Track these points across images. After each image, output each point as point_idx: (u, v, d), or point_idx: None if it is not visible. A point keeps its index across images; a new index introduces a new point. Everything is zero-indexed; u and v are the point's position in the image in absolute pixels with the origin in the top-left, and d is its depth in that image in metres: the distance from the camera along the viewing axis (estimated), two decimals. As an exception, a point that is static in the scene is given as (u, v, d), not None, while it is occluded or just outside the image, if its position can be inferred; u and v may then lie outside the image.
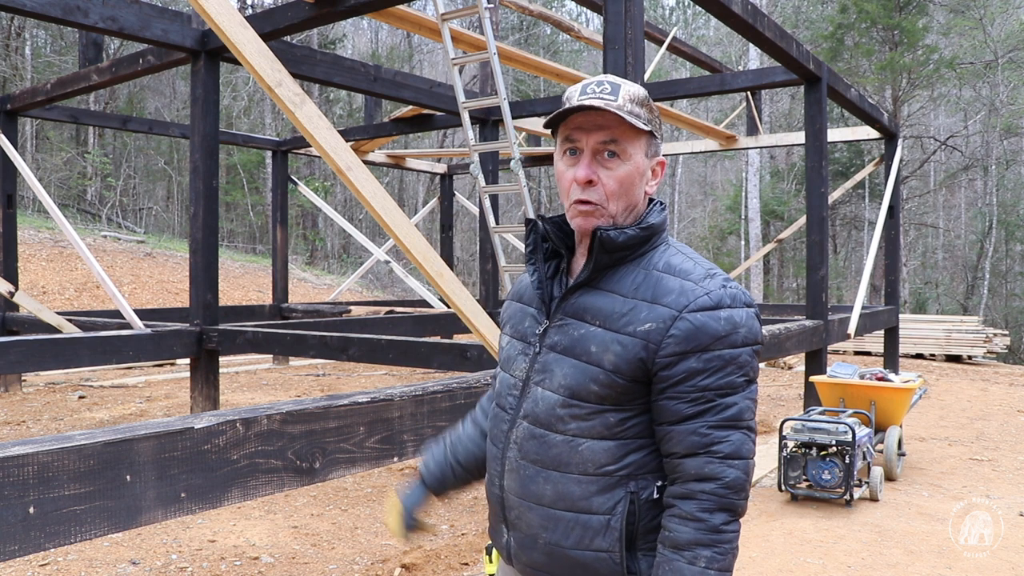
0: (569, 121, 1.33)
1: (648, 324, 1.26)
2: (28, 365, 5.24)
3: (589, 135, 1.31)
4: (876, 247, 8.67)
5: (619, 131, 1.30)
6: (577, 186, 1.32)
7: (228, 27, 3.02)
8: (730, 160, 32.14)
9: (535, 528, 1.34)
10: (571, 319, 1.34)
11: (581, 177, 1.31)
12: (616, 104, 1.29)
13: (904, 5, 20.65)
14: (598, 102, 1.28)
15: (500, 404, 1.44)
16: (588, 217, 1.32)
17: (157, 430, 2.06)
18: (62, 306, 13.46)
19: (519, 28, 30.58)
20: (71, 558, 3.89)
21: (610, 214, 1.33)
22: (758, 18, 5.29)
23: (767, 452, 6.22)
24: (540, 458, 1.33)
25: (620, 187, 1.32)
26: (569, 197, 1.34)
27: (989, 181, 24.93)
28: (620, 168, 1.31)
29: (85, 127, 22.59)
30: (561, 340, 1.34)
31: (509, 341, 1.45)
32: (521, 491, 1.35)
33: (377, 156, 11.93)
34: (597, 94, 1.30)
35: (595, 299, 1.33)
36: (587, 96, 1.30)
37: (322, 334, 5.57)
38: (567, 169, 1.34)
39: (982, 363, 13.15)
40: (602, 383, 1.28)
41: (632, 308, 1.29)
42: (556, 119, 1.33)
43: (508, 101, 5.03)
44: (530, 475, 1.34)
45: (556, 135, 1.38)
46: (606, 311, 1.31)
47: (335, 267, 26.55)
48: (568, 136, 1.33)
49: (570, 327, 1.34)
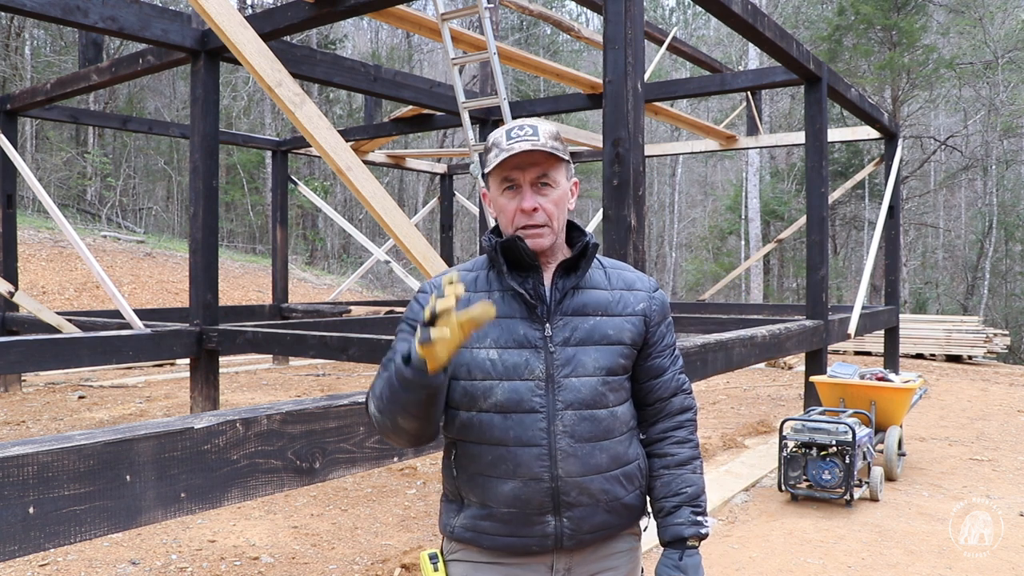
0: (504, 163, 1.57)
1: (641, 304, 1.66)
2: (28, 365, 5.23)
3: (525, 172, 1.57)
4: (876, 247, 8.67)
5: (547, 165, 1.58)
6: (523, 214, 1.58)
7: (228, 27, 3.03)
8: (730, 160, 32.14)
9: (596, 495, 1.57)
10: (572, 316, 1.60)
11: (527, 206, 1.57)
12: (541, 143, 1.55)
13: (902, 5, 20.64)
14: (527, 144, 1.54)
15: (519, 408, 1.56)
16: (538, 238, 1.58)
17: (157, 430, 2.06)
18: (62, 306, 13.47)
19: (519, 28, 30.58)
20: (71, 558, 3.89)
21: (555, 231, 1.60)
22: (758, 18, 5.29)
23: (767, 452, 6.22)
24: (594, 434, 1.57)
25: (557, 208, 1.60)
26: (514, 225, 1.59)
27: (989, 181, 24.92)
28: (553, 194, 1.59)
29: (85, 127, 22.59)
30: (574, 334, 1.59)
31: (501, 353, 1.57)
32: (583, 470, 1.56)
33: (377, 156, 11.93)
34: (523, 137, 1.55)
35: (586, 296, 1.62)
36: (515, 140, 1.55)
37: (322, 334, 5.57)
38: (509, 202, 1.59)
39: (982, 363, 13.15)
40: (626, 356, 1.62)
41: (620, 297, 1.65)
42: (496, 164, 1.58)
43: (508, 101, 5.04)
44: (587, 452, 1.56)
45: (488, 177, 1.63)
46: (603, 303, 1.63)
47: (335, 267, 26.55)
48: (507, 176, 1.58)
49: (574, 322, 1.59)
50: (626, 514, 1.63)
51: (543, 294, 1.60)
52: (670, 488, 1.65)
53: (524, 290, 1.58)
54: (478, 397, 1.56)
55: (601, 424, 1.58)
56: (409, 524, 4.55)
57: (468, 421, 1.58)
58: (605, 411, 1.58)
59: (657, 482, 1.67)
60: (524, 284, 1.59)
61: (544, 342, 1.57)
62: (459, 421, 1.59)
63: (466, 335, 1.33)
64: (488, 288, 1.62)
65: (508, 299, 1.60)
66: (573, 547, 1.59)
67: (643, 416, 1.70)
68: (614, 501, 1.60)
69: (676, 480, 1.65)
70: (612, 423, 1.59)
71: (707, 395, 9.24)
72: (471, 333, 1.34)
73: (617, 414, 1.60)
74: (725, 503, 4.98)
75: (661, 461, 1.67)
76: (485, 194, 1.69)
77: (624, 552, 1.67)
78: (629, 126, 3.65)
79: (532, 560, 1.59)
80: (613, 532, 1.63)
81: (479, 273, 1.66)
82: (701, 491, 1.67)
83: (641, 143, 3.74)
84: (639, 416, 1.70)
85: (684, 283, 31.43)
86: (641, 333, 1.64)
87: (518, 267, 1.61)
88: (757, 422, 7.29)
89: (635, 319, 1.63)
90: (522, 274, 1.61)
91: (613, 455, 1.59)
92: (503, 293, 1.61)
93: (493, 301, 1.58)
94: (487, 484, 1.57)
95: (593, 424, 1.57)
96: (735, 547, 4.17)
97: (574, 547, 1.59)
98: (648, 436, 1.69)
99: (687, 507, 1.64)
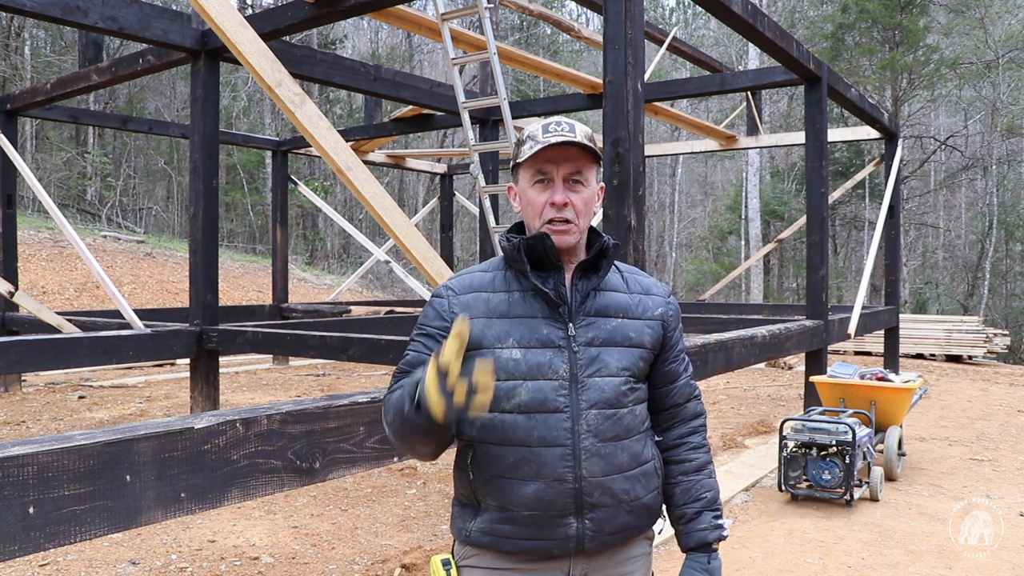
0: (538, 156, 1.57)
1: (659, 309, 1.68)
2: (28, 365, 5.23)
3: (559, 166, 1.57)
4: (876, 247, 8.66)
5: (582, 162, 1.58)
6: (552, 208, 1.57)
7: (228, 27, 3.03)
8: (730, 160, 32.13)
9: (619, 495, 1.58)
10: (595, 317, 1.61)
11: (559, 200, 1.56)
12: (578, 139, 1.55)
13: (905, 5, 20.63)
14: (564, 138, 1.54)
15: (544, 408, 1.55)
16: (564, 234, 1.58)
17: (157, 430, 2.06)
18: (62, 306, 13.46)
19: (519, 28, 30.58)
20: (71, 558, 3.89)
21: (580, 229, 1.60)
22: (758, 18, 5.29)
23: (767, 452, 6.22)
24: (616, 433, 1.58)
25: (586, 207, 1.60)
26: (542, 218, 1.58)
27: (989, 181, 24.91)
28: (584, 192, 1.60)
29: (85, 127, 22.59)
30: (598, 335, 1.59)
31: (524, 352, 1.56)
32: (606, 469, 1.56)
33: (377, 156, 11.93)
34: (560, 132, 1.55)
35: (607, 298, 1.63)
36: (552, 135, 1.55)
37: (322, 334, 5.57)
38: (539, 195, 1.59)
39: (982, 363, 13.15)
40: (645, 359, 1.64)
41: (639, 300, 1.66)
42: (529, 156, 1.57)
43: (508, 101, 5.03)
44: (611, 451, 1.57)
45: (518, 169, 1.62)
46: (624, 305, 1.64)
47: (335, 267, 26.55)
48: (540, 168, 1.58)
49: (598, 323, 1.60)
50: (645, 515, 1.64)
51: (564, 294, 1.60)
52: (690, 494, 1.67)
53: (547, 289, 1.58)
54: (501, 398, 1.54)
55: (622, 422, 1.59)
56: (409, 524, 4.55)
57: (490, 422, 1.55)
58: (625, 410, 1.60)
59: (676, 489, 1.69)
60: (546, 284, 1.59)
61: (568, 342, 1.57)
62: (480, 423, 1.56)
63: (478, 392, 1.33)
64: (507, 288, 1.61)
65: (529, 299, 1.59)
66: (593, 550, 1.58)
67: (658, 420, 1.71)
68: (635, 501, 1.61)
69: (696, 486, 1.68)
70: (632, 421, 1.61)
71: (707, 395, 9.23)
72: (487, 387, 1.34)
73: (636, 412, 1.62)
74: (725, 503, 4.98)
75: (679, 467, 1.69)
76: (511, 188, 1.68)
77: (640, 557, 1.68)
78: (629, 126, 3.65)
79: (549, 565, 1.58)
80: (632, 534, 1.64)
81: (496, 274, 1.64)
82: (718, 495, 1.71)
83: (641, 143, 3.74)
84: (653, 420, 1.71)
85: (684, 283, 31.42)
86: (659, 337, 1.66)
87: (540, 267, 1.60)
88: (757, 422, 7.29)
89: (654, 323, 1.66)
90: (543, 274, 1.60)
91: (633, 453, 1.60)
92: (523, 293, 1.60)
93: (513, 301, 1.59)
94: (508, 486, 1.54)
95: (615, 423, 1.58)
96: (735, 547, 4.17)
97: (593, 550, 1.58)
98: (664, 441, 1.71)
99: (708, 512, 1.67)
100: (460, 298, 1.61)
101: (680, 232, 33.93)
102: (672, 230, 33.17)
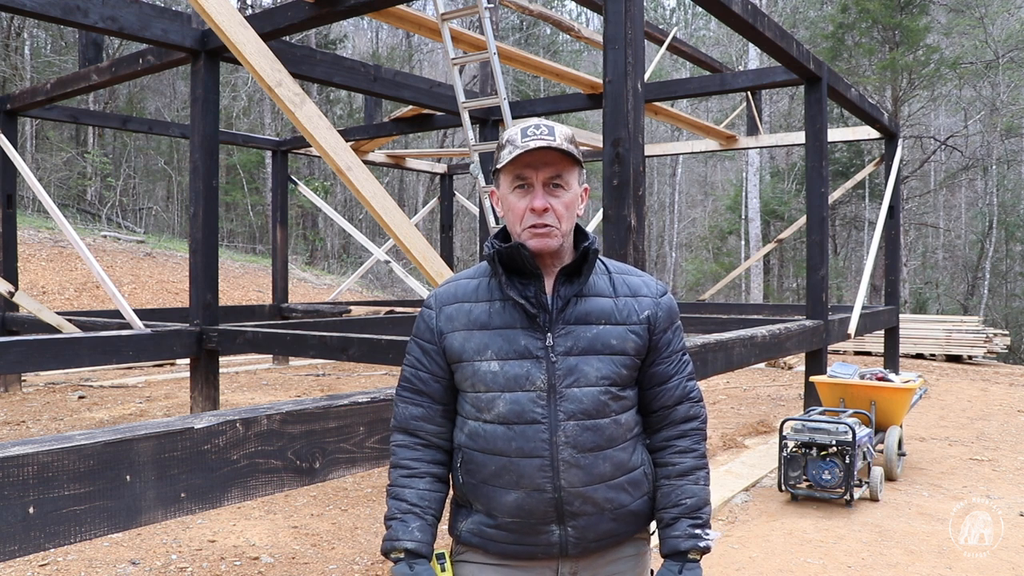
0: (517, 161, 1.54)
1: (646, 312, 1.62)
2: (28, 365, 5.23)
3: (538, 171, 1.55)
4: (876, 247, 8.66)
5: (561, 166, 1.56)
6: (532, 214, 1.55)
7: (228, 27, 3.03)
8: (730, 160, 32.13)
9: (601, 503, 1.56)
10: (575, 325, 1.57)
11: (539, 206, 1.54)
12: (556, 143, 1.52)
13: (905, 5, 20.62)
14: (542, 143, 1.51)
15: (521, 419, 1.55)
16: (544, 238, 1.55)
17: (157, 430, 2.06)
18: (62, 306, 13.46)
19: (519, 28, 30.57)
20: (71, 558, 3.89)
21: (562, 233, 1.57)
22: (758, 18, 5.29)
23: (767, 452, 6.22)
24: (597, 443, 1.55)
25: (567, 211, 1.57)
26: (523, 223, 1.56)
27: (989, 181, 24.91)
28: (565, 196, 1.57)
29: (85, 127, 22.59)
30: (576, 344, 1.56)
31: (502, 364, 1.56)
32: (587, 480, 1.54)
33: (377, 156, 11.92)
34: (539, 136, 1.53)
35: (590, 304, 1.59)
36: (531, 139, 1.53)
37: (322, 334, 5.57)
38: (519, 200, 1.57)
39: (982, 363, 13.15)
40: (628, 366, 1.59)
41: (624, 304, 1.61)
42: (508, 161, 1.55)
43: (508, 101, 5.03)
44: (591, 463, 1.55)
45: (499, 174, 1.60)
46: (607, 310, 1.59)
47: (335, 267, 26.55)
48: (519, 174, 1.56)
49: (577, 331, 1.56)
50: (633, 521, 1.62)
51: (545, 302, 1.57)
52: (669, 499, 1.62)
53: (525, 299, 1.56)
54: (483, 408, 1.57)
55: (604, 433, 1.56)
56: (409, 524, 4.55)
57: (475, 430, 1.58)
58: (608, 420, 1.56)
59: (658, 492, 1.65)
60: (525, 292, 1.57)
61: (545, 352, 1.55)
62: (468, 429, 1.60)
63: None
64: (489, 297, 1.61)
65: (509, 308, 1.58)
66: (578, 555, 1.59)
67: (647, 423, 1.67)
68: (619, 509, 1.59)
69: (675, 491, 1.62)
70: (615, 431, 1.57)
71: (707, 395, 9.23)
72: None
73: (620, 421, 1.58)
74: (725, 503, 4.97)
75: (663, 471, 1.65)
76: (493, 192, 1.67)
77: (630, 557, 1.67)
78: (629, 126, 3.65)
79: (537, 564, 1.60)
80: (620, 539, 1.62)
81: (480, 281, 1.64)
82: (703, 503, 1.63)
83: (641, 143, 3.74)
84: (644, 423, 1.67)
85: (684, 283, 31.42)
86: (645, 341, 1.61)
87: (519, 274, 1.58)
88: (757, 422, 7.29)
89: (639, 327, 1.60)
90: (523, 281, 1.58)
91: (617, 463, 1.57)
92: (504, 303, 1.59)
93: (494, 311, 1.59)
94: (492, 493, 1.57)
95: (596, 434, 1.55)
96: (735, 547, 4.17)
97: (579, 555, 1.59)
98: (652, 443, 1.67)
99: (685, 519, 1.61)
100: (444, 311, 1.63)
101: (680, 232, 33.93)
102: (672, 230, 33.17)
